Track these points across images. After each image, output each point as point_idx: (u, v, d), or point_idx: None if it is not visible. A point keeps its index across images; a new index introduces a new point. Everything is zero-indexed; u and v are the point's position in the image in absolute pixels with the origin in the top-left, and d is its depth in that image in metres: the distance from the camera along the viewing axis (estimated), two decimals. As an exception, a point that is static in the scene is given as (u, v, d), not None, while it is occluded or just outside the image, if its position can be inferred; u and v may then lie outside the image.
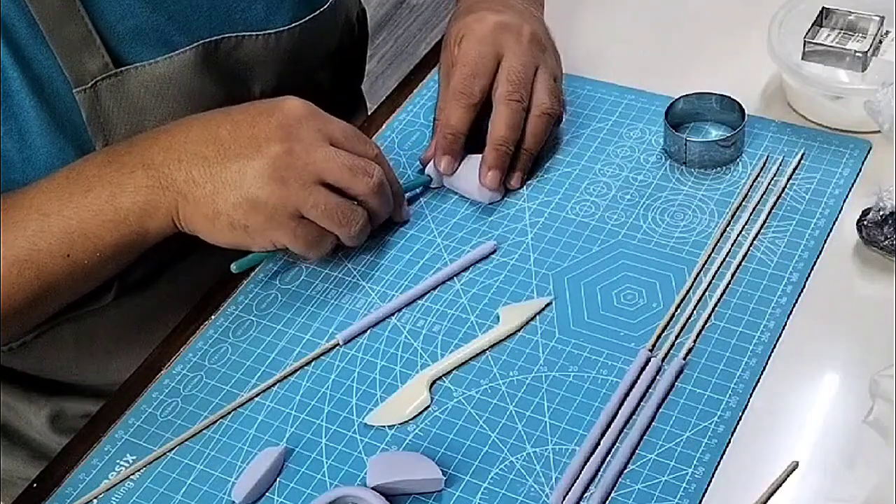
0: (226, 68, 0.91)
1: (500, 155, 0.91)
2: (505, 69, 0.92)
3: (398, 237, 0.92)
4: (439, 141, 0.92)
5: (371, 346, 0.84)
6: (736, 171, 0.93)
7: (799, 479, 0.72)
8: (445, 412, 0.79)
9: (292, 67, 0.96)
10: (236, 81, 0.93)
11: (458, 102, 0.92)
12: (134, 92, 0.87)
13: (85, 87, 0.84)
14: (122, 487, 0.78)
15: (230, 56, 0.91)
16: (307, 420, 0.80)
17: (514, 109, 0.91)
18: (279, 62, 0.95)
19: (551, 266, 0.88)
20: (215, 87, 0.91)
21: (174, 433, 0.81)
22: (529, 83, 0.92)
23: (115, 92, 0.86)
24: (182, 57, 0.88)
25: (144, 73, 0.87)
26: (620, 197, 0.93)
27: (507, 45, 0.93)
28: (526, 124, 0.92)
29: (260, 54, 0.93)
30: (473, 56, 0.92)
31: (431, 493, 0.74)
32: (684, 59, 1.05)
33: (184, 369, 0.85)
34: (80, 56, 0.83)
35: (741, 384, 0.78)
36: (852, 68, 0.94)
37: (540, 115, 0.92)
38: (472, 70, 0.92)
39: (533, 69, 0.93)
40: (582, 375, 0.80)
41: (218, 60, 0.90)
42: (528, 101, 0.92)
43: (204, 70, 0.89)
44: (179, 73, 0.88)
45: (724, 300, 0.83)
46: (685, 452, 0.74)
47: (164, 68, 0.87)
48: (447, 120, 0.92)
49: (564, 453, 0.75)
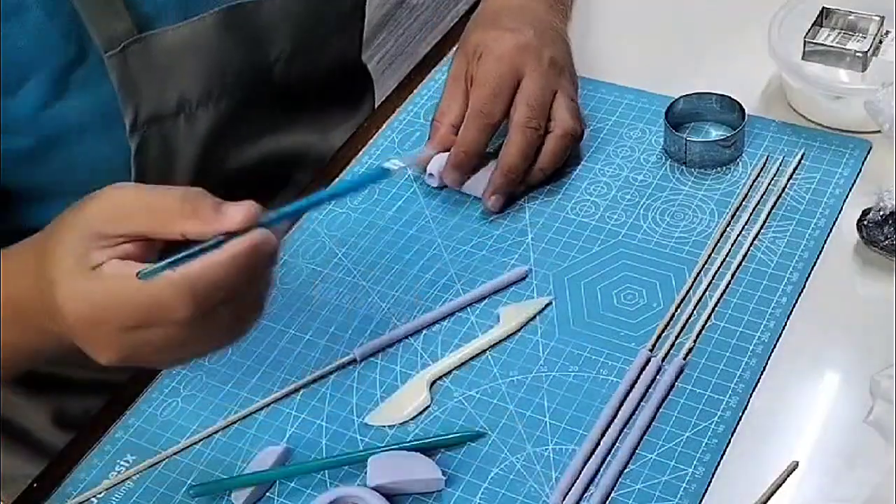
0: (246, 31, 0.92)
1: (508, 182, 0.91)
2: (524, 92, 0.91)
3: (398, 237, 0.92)
4: (453, 156, 0.92)
5: (371, 346, 0.84)
6: (736, 171, 0.93)
7: (799, 479, 0.72)
8: (445, 412, 0.79)
9: (307, 31, 0.97)
10: (256, 45, 0.94)
11: (476, 122, 0.91)
12: (159, 56, 0.87)
13: (114, 51, 0.84)
14: (122, 487, 0.78)
15: (250, 19, 0.92)
16: (307, 420, 0.80)
17: (530, 138, 0.90)
18: (295, 25, 0.95)
19: (551, 266, 0.88)
20: (234, 51, 0.92)
21: (174, 433, 0.81)
22: (547, 108, 0.92)
23: (141, 56, 0.86)
24: (204, 21, 0.88)
25: (167, 37, 0.87)
26: (620, 197, 0.93)
27: (526, 67, 0.92)
28: (546, 143, 0.92)
29: (277, 16, 0.93)
30: (494, 76, 0.92)
31: (431, 493, 0.74)
32: (684, 59, 1.05)
33: (184, 369, 0.85)
34: (107, 20, 0.84)
35: (741, 384, 0.78)
36: (852, 68, 0.94)
37: (563, 135, 0.92)
38: (493, 90, 0.91)
39: (551, 94, 0.92)
40: (582, 375, 0.80)
41: (239, 24, 0.91)
42: (546, 125, 0.91)
43: (226, 34, 0.90)
44: (202, 37, 0.89)
45: (724, 300, 0.83)
46: (685, 452, 0.74)
47: (187, 33, 0.88)
48: (465, 138, 0.91)
49: (564, 453, 0.75)
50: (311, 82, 1.01)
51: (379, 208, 0.95)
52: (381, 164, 0.68)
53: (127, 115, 0.88)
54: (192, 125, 0.92)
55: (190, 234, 0.64)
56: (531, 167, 0.92)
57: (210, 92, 0.92)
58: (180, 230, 0.64)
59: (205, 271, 0.62)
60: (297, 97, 1.01)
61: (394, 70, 2.52)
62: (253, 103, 0.96)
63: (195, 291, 0.62)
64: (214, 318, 0.64)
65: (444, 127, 0.94)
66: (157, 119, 0.89)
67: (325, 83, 1.03)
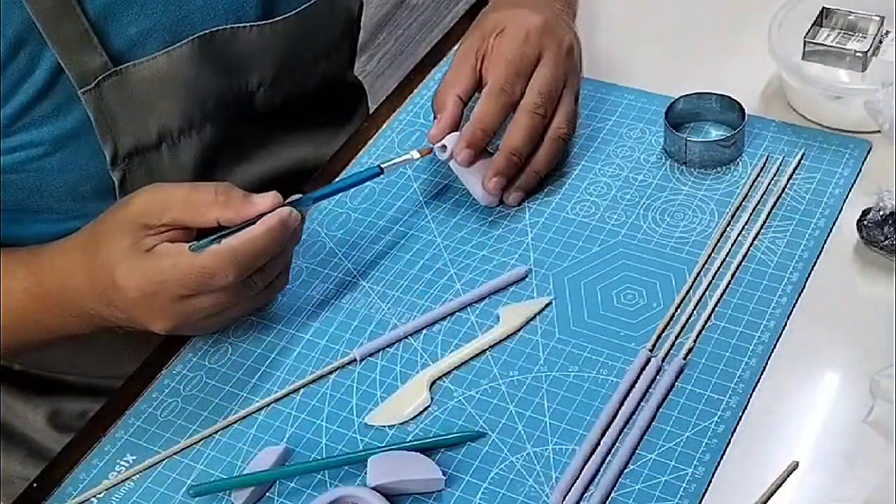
0: (223, 60, 0.91)
1: (510, 164, 0.90)
2: (539, 77, 0.90)
3: (398, 237, 0.92)
4: (469, 133, 0.89)
5: (371, 346, 0.84)
6: (736, 171, 0.93)
7: (799, 479, 0.72)
8: (445, 412, 0.79)
9: (291, 59, 0.96)
10: (235, 73, 0.93)
11: (497, 100, 0.89)
12: (136, 89, 0.87)
13: (89, 86, 0.84)
14: (122, 487, 0.78)
15: (226, 48, 0.91)
16: (307, 420, 0.80)
17: (536, 123, 0.90)
18: (277, 54, 0.95)
19: (551, 266, 0.88)
20: (214, 79, 0.91)
21: (174, 433, 0.81)
22: (556, 99, 0.91)
23: (118, 90, 0.86)
24: (179, 51, 0.88)
25: (144, 69, 0.87)
26: (620, 197, 0.93)
27: (547, 51, 0.91)
28: (540, 143, 0.91)
29: (256, 45, 0.93)
30: (517, 54, 0.90)
31: (431, 493, 0.74)
32: (684, 59, 1.05)
33: (184, 369, 0.85)
34: (80, 55, 0.83)
35: (741, 384, 0.78)
36: (852, 68, 0.94)
37: (556, 138, 0.91)
38: (516, 69, 0.90)
39: (562, 84, 0.92)
40: (582, 375, 0.80)
41: (215, 53, 0.90)
42: (550, 119, 0.91)
43: (202, 63, 0.89)
44: (178, 68, 0.88)
45: (724, 300, 0.83)
46: (685, 452, 0.74)
47: (163, 64, 0.87)
48: (482, 114, 0.89)
49: (564, 453, 0.75)
50: (298, 104, 1.00)
51: (379, 208, 0.95)
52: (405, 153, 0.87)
53: (107, 149, 0.88)
54: (177, 154, 0.92)
55: (223, 220, 0.77)
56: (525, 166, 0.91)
57: (191, 121, 0.91)
58: (215, 217, 0.77)
59: (245, 242, 0.76)
60: (284, 118, 1.00)
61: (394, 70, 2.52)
62: (238, 127, 0.96)
63: (238, 259, 0.76)
64: (250, 285, 0.79)
65: (449, 98, 0.91)
66: (138, 151, 0.89)
67: (313, 103, 1.03)
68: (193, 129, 0.91)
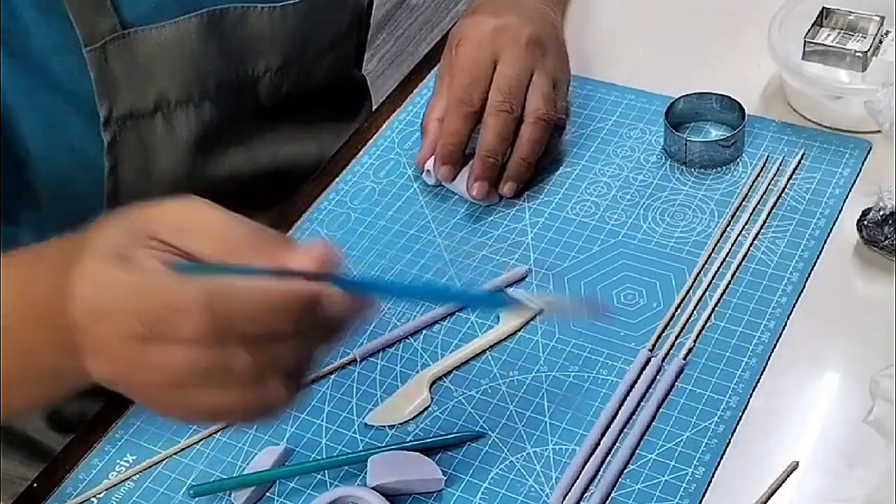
0: (231, 41, 0.92)
1: (487, 166, 0.91)
2: (497, 77, 0.91)
3: (398, 237, 0.92)
4: (439, 150, 0.92)
5: (371, 346, 0.84)
6: (736, 171, 0.93)
7: (799, 479, 0.72)
8: (445, 412, 0.79)
9: (298, 48, 0.97)
10: (241, 56, 0.93)
11: (458, 111, 0.91)
12: (139, 55, 0.87)
13: (95, 45, 0.85)
14: (122, 487, 0.78)
15: (235, 28, 0.91)
16: (307, 420, 0.80)
17: (503, 120, 0.90)
18: (285, 40, 0.95)
19: (551, 266, 0.88)
20: (219, 58, 0.91)
21: (174, 433, 0.80)
22: (523, 90, 0.91)
23: (122, 54, 0.86)
24: (187, 24, 0.88)
25: (150, 37, 0.87)
26: (620, 197, 0.93)
27: (503, 50, 0.92)
28: (520, 131, 0.91)
29: (265, 29, 0.93)
30: (471, 62, 0.92)
31: (431, 493, 0.74)
32: (684, 59, 1.05)
33: (184, 369, 0.85)
34: (92, 16, 0.84)
35: (741, 384, 0.78)
36: (852, 68, 0.94)
37: (535, 121, 0.91)
38: (471, 77, 0.91)
39: (528, 74, 0.92)
40: (582, 375, 0.80)
41: (223, 32, 0.91)
42: (522, 109, 0.91)
43: (209, 40, 0.90)
44: (184, 39, 0.89)
45: (724, 300, 0.83)
46: (685, 452, 0.74)
47: (170, 33, 0.88)
48: (448, 128, 0.91)
49: (564, 453, 0.75)
50: (303, 97, 1.01)
51: (379, 208, 0.95)
52: None
53: (102, 110, 0.88)
54: (171, 127, 0.92)
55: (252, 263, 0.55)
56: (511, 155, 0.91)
57: (189, 94, 0.91)
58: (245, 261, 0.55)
59: (228, 289, 0.53)
60: (287, 110, 1.00)
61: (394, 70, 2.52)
62: (240, 113, 0.96)
63: (212, 304, 0.52)
64: (227, 356, 0.53)
65: (431, 123, 0.93)
66: (132, 116, 0.89)
67: (318, 97, 1.03)
68: (192, 103, 0.92)
